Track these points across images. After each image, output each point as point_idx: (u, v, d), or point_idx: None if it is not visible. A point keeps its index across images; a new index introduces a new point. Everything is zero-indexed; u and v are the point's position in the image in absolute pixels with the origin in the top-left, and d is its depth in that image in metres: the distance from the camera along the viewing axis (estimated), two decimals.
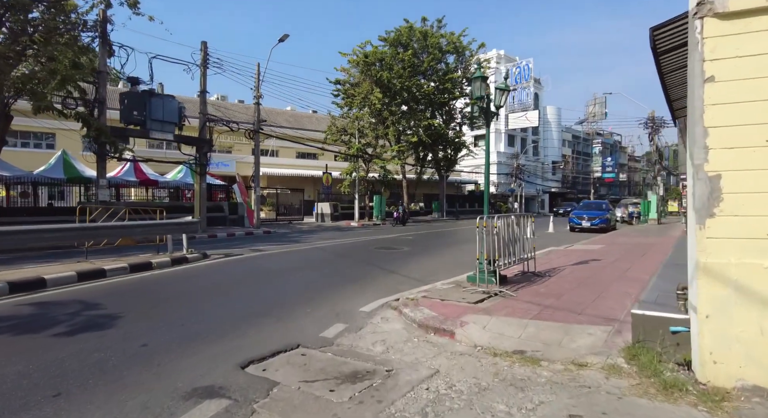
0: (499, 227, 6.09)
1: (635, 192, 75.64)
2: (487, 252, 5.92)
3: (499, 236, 6.10)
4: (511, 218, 6.61)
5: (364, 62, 30.45)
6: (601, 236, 16.80)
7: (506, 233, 6.36)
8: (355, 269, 8.86)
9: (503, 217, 6.32)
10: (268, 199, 31.20)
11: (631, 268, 7.90)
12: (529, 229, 7.19)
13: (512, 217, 6.66)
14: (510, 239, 6.48)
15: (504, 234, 6.27)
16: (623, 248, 11.72)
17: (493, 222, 5.98)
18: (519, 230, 6.81)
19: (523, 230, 6.95)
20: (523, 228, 6.98)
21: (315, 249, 12.30)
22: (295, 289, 6.74)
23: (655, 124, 24.14)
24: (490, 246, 5.95)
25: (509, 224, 6.50)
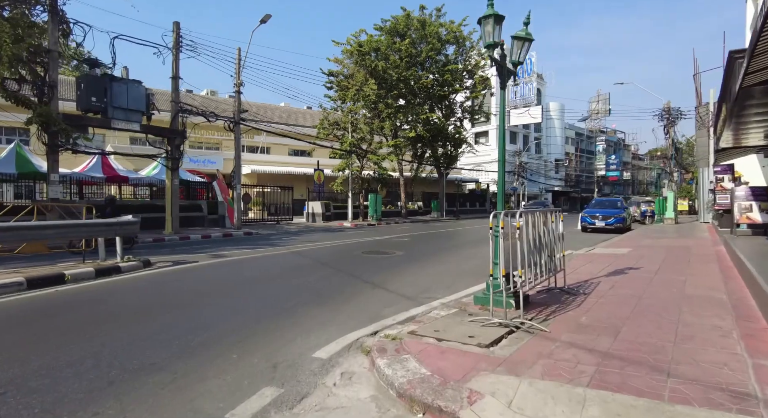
0: (521, 227, 4.23)
1: (639, 191, 73.79)
2: (504, 264, 4.07)
3: (522, 241, 4.24)
4: (537, 215, 4.75)
5: (358, 52, 28.58)
6: (619, 237, 14.94)
7: (531, 235, 4.50)
8: (331, 282, 6.99)
9: (527, 213, 4.46)
10: (257, 198, 29.34)
11: (686, 281, 6.03)
12: (559, 229, 5.33)
13: (538, 213, 4.80)
14: (536, 245, 4.62)
15: (529, 237, 4.42)
16: (655, 252, 9.86)
17: (515, 221, 4.12)
18: (547, 232, 4.95)
19: (552, 231, 5.09)
20: (552, 229, 5.12)
21: (292, 254, 10.43)
22: (235, 316, 4.86)
23: (671, 115, 22.30)
24: (509, 255, 4.10)
25: (535, 224, 4.64)
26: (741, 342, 3.31)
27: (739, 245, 7.84)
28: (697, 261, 8.20)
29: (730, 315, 4.10)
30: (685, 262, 8.04)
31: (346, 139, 26.47)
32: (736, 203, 9.91)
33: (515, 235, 4.08)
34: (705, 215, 21.97)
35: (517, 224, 4.05)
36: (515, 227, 4.08)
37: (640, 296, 5.10)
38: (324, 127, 27.99)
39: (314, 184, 27.86)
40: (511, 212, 4.20)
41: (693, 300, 4.83)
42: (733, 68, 7.62)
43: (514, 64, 5.07)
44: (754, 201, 9.78)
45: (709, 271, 6.96)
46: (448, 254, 10.81)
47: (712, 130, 20.56)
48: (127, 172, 19.51)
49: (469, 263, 8.82)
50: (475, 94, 34.35)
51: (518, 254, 4.17)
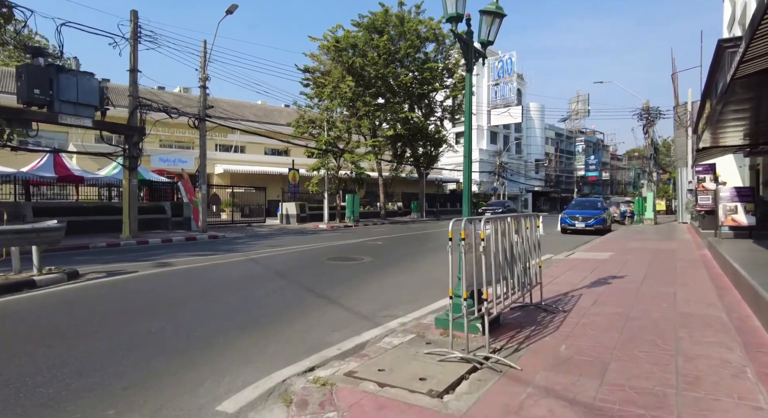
0: (488, 236, 3.48)
1: (618, 191, 74.69)
2: (466, 282, 3.31)
3: (489, 253, 3.49)
4: (508, 222, 4.00)
5: (334, 47, 27.70)
6: (600, 239, 14.45)
7: (501, 246, 3.75)
8: (279, 297, 6.14)
9: (495, 219, 3.71)
10: (227, 199, 28.16)
11: (677, 294, 5.39)
12: (535, 237, 4.61)
13: (509, 219, 4.05)
14: (507, 257, 3.88)
15: (498, 248, 3.67)
16: (639, 256, 9.29)
17: (479, 229, 3.36)
18: (521, 241, 4.21)
19: (526, 239, 4.36)
20: (527, 237, 4.39)
21: (248, 262, 9.51)
22: (137, 350, 3.94)
23: (650, 115, 22.08)
24: (472, 271, 3.35)
25: (505, 232, 3.89)
26: (761, 386, 2.61)
27: (728, 251, 7.28)
28: (683, 267, 7.62)
29: (737, 343, 3.42)
30: (672, 268, 7.45)
31: (322, 138, 25.55)
32: (721, 205, 9.42)
33: (479, 247, 3.31)
34: (683, 215, 21.81)
35: (482, 234, 3.29)
36: (479, 237, 3.32)
37: (628, 315, 4.40)
38: (299, 126, 27.01)
39: (289, 185, 26.89)
40: (476, 219, 3.43)
41: (689, 320, 4.15)
42: (722, 59, 7.08)
43: (483, 43, 4.32)
44: (740, 202, 9.31)
45: (698, 280, 6.36)
46: (422, 259, 10.05)
47: (691, 130, 20.40)
48: (83, 172, 18.23)
49: (441, 270, 8.05)
50: (455, 93, 33.83)
51: (484, 269, 3.41)
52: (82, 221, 16.18)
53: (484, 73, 53.79)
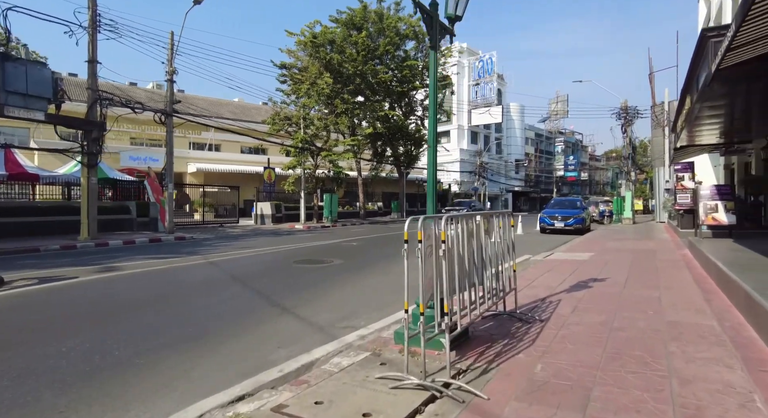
0: (453, 238, 2.96)
1: (596, 191, 75.75)
2: (427, 290, 2.79)
3: (454, 257, 2.97)
4: (476, 221, 3.49)
5: (312, 43, 27.00)
6: (579, 238, 14.18)
7: (468, 248, 3.24)
8: (228, 307, 5.52)
9: (462, 218, 3.19)
10: (199, 199, 27.16)
11: (662, 298, 4.98)
12: (508, 238, 4.11)
13: (477, 217, 3.54)
14: (476, 261, 3.37)
15: (464, 251, 3.16)
16: (619, 257, 8.96)
17: (439, 230, 2.84)
18: (489, 244, 3.71)
19: (499, 241, 3.86)
20: (500, 238, 3.89)
21: (207, 266, 8.83)
22: (38, 376, 3.31)
23: (628, 114, 22.09)
24: (432, 279, 2.83)
25: (473, 232, 3.38)
26: None
27: (710, 251, 6.96)
28: (665, 268, 7.28)
29: (736, 359, 2.98)
30: (653, 270, 7.09)
31: (298, 136, 24.82)
32: (701, 203, 9.17)
33: (440, 250, 2.79)
34: (661, 214, 21.87)
35: (442, 235, 2.76)
36: (440, 239, 2.79)
37: (611, 325, 3.94)
38: (275, 123, 26.20)
39: (264, 184, 26.05)
40: (438, 217, 2.91)
41: (679, 330, 3.71)
42: (705, 50, 6.76)
43: (450, 19, 3.80)
44: (720, 201, 9.07)
45: (682, 282, 5.99)
46: (396, 261, 9.52)
47: (668, 129, 20.45)
48: (38, 170, 17.14)
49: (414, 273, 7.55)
50: None
51: (446, 276, 2.89)
52: (38, 222, 15.16)
53: (464, 73, 53.68)
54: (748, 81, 7.50)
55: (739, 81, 7.41)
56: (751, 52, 5.33)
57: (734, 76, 6.83)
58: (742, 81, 7.47)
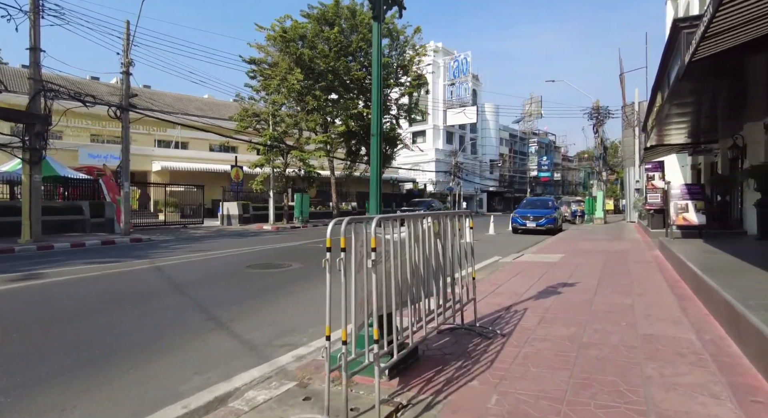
0: (391, 244, 2.42)
1: (569, 191, 77.07)
2: (357, 312, 2.24)
3: (391, 268, 2.43)
4: (424, 223, 2.96)
5: (281, 38, 26.16)
6: (551, 239, 13.93)
7: (416, 255, 2.70)
8: (156, 321, 4.84)
9: (401, 219, 2.64)
10: (165, 198, 25.95)
11: (635, 306, 4.58)
12: (468, 241, 3.60)
13: (426, 219, 3.01)
14: (423, 271, 2.83)
15: (407, 259, 2.61)
16: (590, 258, 8.64)
17: (369, 235, 2.29)
18: (442, 249, 3.18)
19: (454, 246, 3.34)
20: (453, 243, 3.37)
21: (151, 271, 8.06)
22: None
23: (599, 114, 22.18)
24: (371, 294, 2.28)
25: (419, 236, 2.84)
26: None
27: (682, 252, 6.67)
28: (638, 272, 6.95)
29: (722, 385, 2.53)
30: (625, 273, 6.75)
31: (267, 133, 23.94)
32: (672, 203, 8.95)
33: (369, 260, 2.24)
34: (631, 214, 22.03)
35: (372, 241, 2.21)
36: (370, 245, 2.24)
37: (581, 340, 3.48)
38: (242, 119, 25.23)
39: (231, 183, 25.08)
40: (368, 219, 2.35)
41: (655, 347, 3.27)
42: (677, 41, 6.47)
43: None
44: (690, 200, 8.87)
45: (656, 287, 5.63)
46: None
47: (638, 129, 20.60)
48: None
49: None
50: (409, 91, 33.09)
51: (376, 294, 2.34)
52: None
53: (440, 73, 53.58)
54: (717, 77, 7.27)
55: (708, 77, 7.17)
56: (730, 41, 5.00)
57: (706, 71, 6.57)
58: (711, 77, 7.23)
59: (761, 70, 7.07)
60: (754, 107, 9.68)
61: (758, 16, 4.35)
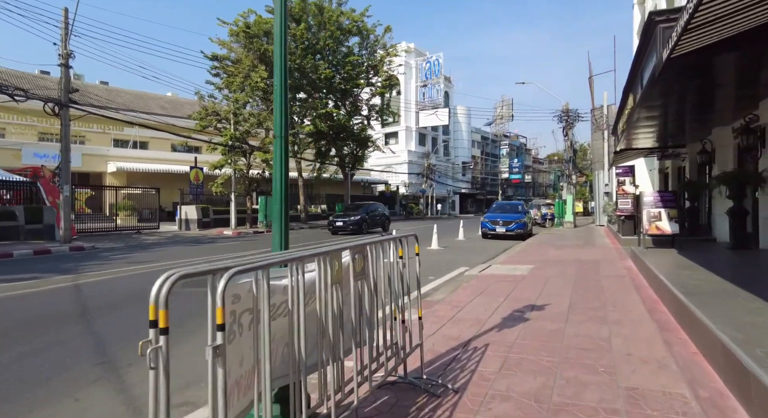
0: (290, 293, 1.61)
1: (539, 193, 78.14)
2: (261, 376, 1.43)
3: (297, 325, 1.63)
4: (324, 266, 2.16)
5: (244, 34, 24.99)
6: (520, 245, 13.43)
7: (332, 304, 1.91)
8: (21, 366, 3.88)
9: (295, 260, 1.83)
10: (120, 202, 24.34)
11: (611, 339, 3.92)
12: (415, 271, 2.84)
13: (344, 257, 2.21)
14: (341, 323, 2.04)
15: (321, 310, 1.81)
16: (561, 271, 8.07)
17: (216, 303, 1.47)
18: (371, 290, 2.40)
19: (389, 282, 2.56)
20: (392, 277, 2.60)
21: (66, 291, 6.99)
22: None
23: (569, 116, 22.03)
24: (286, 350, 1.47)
25: (330, 281, 2.04)
26: None
27: (659, 268, 6.13)
28: (611, 288, 6.38)
29: None
30: (599, 290, 6.16)
31: (227, 132, 22.73)
32: (645, 211, 8.50)
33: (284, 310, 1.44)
34: (600, 217, 21.97)
35: (218, 314, 1.41)
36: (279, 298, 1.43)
37: (551, 400, 2.76)
38: (202, 118, 23.91)
39: (190, 185, 23.73)
40: (217, 271, 1.54)
41: (644, 412, 2.58)
42: (653, 37, 5.93)
43: None
44: (663, 208, 8.44)
45: (632, 310, 5.04)
46: None
47: (607, 132, 20.52)
48: None
49: None
50: (380, 91, 32.41)
51: (265, 366, 1.53)
52: None
53: (412, 74, 53.15)
54: (695, 76, 6.81)
55: (685, 76, 6.71)
56: (715, 34, 4.44)
57: (685, 69, 6.07)
58: (688, 76, 6.78)
59: (738, 69, 6.65)
60: (724, 111, 9.39)
61: (749, 5, 3.80)
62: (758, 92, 8.06)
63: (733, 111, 9.36)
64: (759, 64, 6.34)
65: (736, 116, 9.60)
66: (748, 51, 5.65)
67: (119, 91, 38.64)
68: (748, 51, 5.65)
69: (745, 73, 6.85)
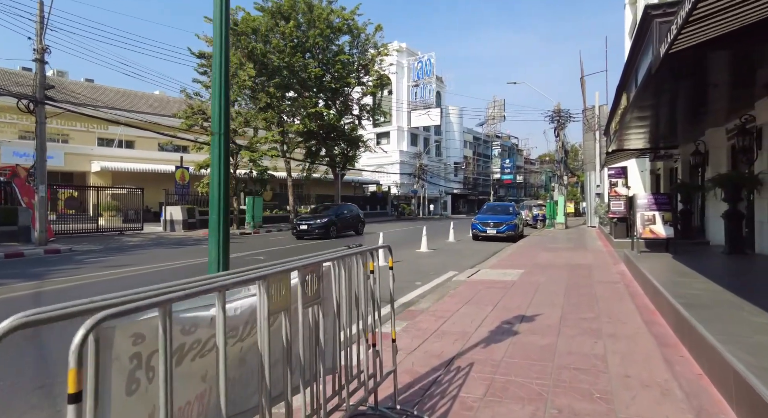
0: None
1: (531, 193, 78.27)
2: None
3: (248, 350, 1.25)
4: (292, 279, 1.78)
5: (232, 31, 24.45)
6: (511, 248, 13.14)
7: (284, 332, 1.53)
8: None
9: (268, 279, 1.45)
10: (103, 202, 23.74)
11: (607, 358, 3.60)
12: (388, 286, 2.47)
13: (294, 278, 1.83)
14: (291, 356, 1.65)
15: (267, 342, 1.43)
16: (552, 276, 7.77)
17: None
18: (334, 314, 2.03)
19: (355, 303, 2.19)
20: (359, 296, 2.23)
21: (13, 303, 6.53)
22: None
23: (561, 117, 21.84)
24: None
25: (286, 307, 1.66)
26: None
27: (655, 275, 5.84)
28: (605, 296, 6.08)
29: None
30: (592, 299, 5.85)
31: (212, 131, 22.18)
32: (638, 214, 8.23)
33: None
34: (592, 219, 21.80)
35: (71, 379, 1.03)
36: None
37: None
38: (188, 117, 23.37)
39: (176, 185, 23.16)
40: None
41: None
42: (649, 32, 5.64)
43: None
44: (658, 211, 8.17)
45: (628, 322, 4.73)
46: None
47: (599, 133, 20.35)
48: None
49: None
50: (371, 91, 32.05)
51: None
52: None
53: (403, 74, 52.85)
54: (692, 74, 6.56)
55: (683, 74, 6.44)
56: (718, 27, 4.13)
57: (682, 65, 5.79)
58: (686, 74, 6.52)
59: (735, 68, 6.39)
60: (719, 111, 9.16)
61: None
62: (754, 92, 7.83)
63: (728, 112, 9.13)
64: (757, 62, 6.09)
65: (730, 117, 9.38)
66: (747, 48, 5.38)
67: (105, 89, 37.86)
68: (747, 48, 5.38)
69: (742, 71, 6.60)
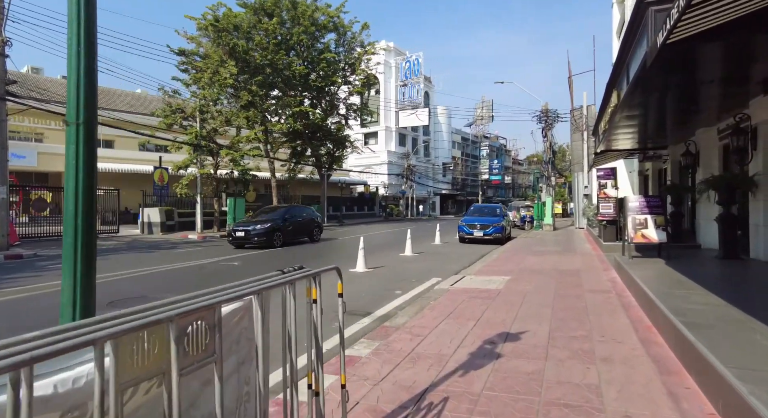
0: None
1: (519, 194, 78.39)
2: None
3: None
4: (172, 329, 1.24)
5: (213, 27, 23.77)
6: (497, 251, 12.72)
7: None
8: None
9: None
10: None
11: (601, 389, 3.13)
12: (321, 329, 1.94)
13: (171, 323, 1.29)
14: None
15: None
16: (540, 284, 7.32)
17: None
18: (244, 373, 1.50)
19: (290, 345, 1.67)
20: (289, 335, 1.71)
21: None
22: None
23: (548, 117, 21.55)
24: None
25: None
26: None
27: (649, 285, 5.42)
28: (596, 309, 5.63)
29: None
30: (582, 312, 5.39)
31: (193, 130, 21.47)
32: (630, 217, 7.83)
33: None
34: (580, 220, 21.55)
35: None
36: None
37: None
38: (167, 115, 22.58)
39: (155, 186, 22.38)
40: None
41: None
42: (643, 22, 5.20)
43: None
44: (649, 214, 7.78)
45: (624, 342, 4.28)
46: None
47: (587, 134, 20.10)
48: None
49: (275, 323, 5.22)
50: (358, 90, 31.51)
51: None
52: None
53: (391, 73, 52.37)
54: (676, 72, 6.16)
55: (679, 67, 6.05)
56: (722, 13, 3.70)
57: (679, 58, 5.39)
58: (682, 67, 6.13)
59: (730, 62, 6.01)
60: (711, 110, 8.82)
61: None
62: (749, 90, 7.49)
63: (720, 111, 8.80)
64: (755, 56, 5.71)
65: (722, 117, 9.04)
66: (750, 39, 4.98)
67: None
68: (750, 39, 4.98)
69: (740, 66, 6.22)
